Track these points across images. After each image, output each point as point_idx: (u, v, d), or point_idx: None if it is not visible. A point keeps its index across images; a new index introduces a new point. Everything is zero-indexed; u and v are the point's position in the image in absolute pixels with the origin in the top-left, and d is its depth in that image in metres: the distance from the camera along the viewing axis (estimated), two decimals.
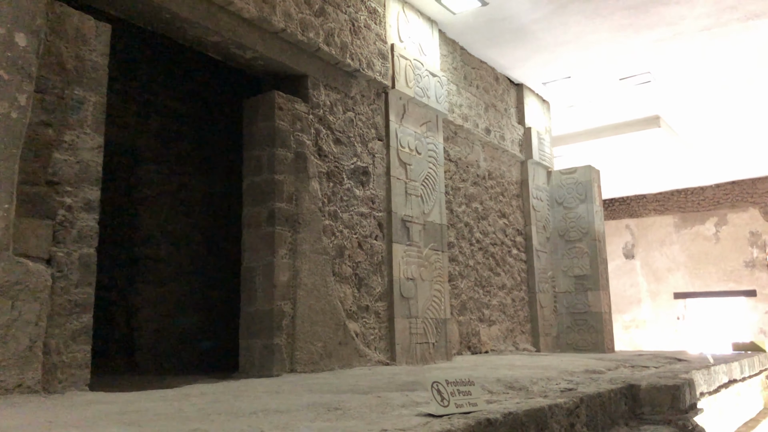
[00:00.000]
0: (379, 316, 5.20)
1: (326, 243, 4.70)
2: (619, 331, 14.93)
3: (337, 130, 5.02)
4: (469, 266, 6.67)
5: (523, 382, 3.60)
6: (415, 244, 5.66)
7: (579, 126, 9.93)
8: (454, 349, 6.21)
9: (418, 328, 5.55)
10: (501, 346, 6.94)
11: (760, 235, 13.59)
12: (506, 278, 7.34)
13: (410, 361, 5.38)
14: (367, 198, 5.24)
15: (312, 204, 4.61)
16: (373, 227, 5.26)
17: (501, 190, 7.54)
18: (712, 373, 4.89)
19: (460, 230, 6.63)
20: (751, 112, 9.48)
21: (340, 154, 5.02)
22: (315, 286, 4.54)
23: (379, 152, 5.45)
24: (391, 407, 2.50)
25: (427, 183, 5.96)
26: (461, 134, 6.86)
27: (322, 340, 4.53)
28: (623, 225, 15.27)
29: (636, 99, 8.87)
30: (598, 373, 4.49)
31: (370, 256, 5.19)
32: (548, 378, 3.90)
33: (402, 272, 5.45)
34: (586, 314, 7.93)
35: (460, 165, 6.79)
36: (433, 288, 5.82)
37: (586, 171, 8.26)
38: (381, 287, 5.25)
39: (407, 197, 5.66)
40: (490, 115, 7.33)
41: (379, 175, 5.41)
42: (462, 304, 6.47)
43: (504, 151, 7.64)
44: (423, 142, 5.98)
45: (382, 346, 5.18)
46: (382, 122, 5.54)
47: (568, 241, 8.21)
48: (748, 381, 6.33)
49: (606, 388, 3.47)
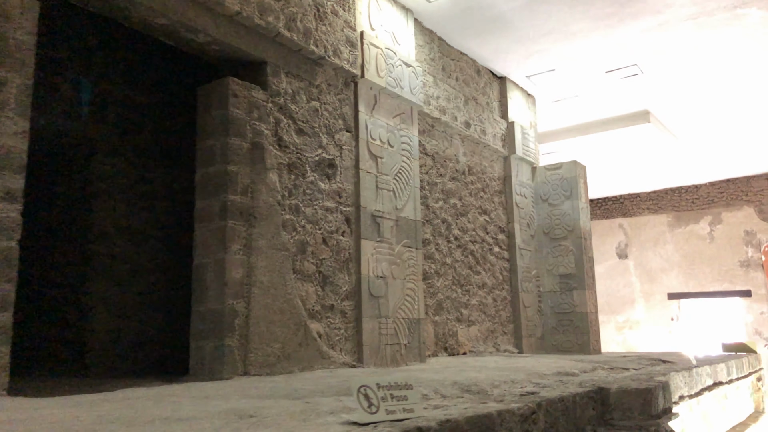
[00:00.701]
0: (346, 316, 4.95)
1: (286, 238, 4.46)
2: (613, 333, 14.69)
3: (300, 120, 4.78)
4: (446, 264, 6.42)
5: (483, 385, 3.35)
6: (386, 241, 5.42)
7: (566, 122, 9.69)
8: (428, 350, 5.96)
9: (388, 329, 5.30)
10: (480, 347, 6.68)
11: (755, 234, 13.33)
12: (487, 277, 7.09)
13: (379, 363, 5.13)
14: (334, 192, 5.00)
15: (270, 197, 4.36)
16: (339, 222, 5.02)
17: (482, 185, 7.29)
18: (694, 376, 4.64)
19: (437, 227, 6.38)
20: (744, 106, 9.24)
21: (303, 145, 4.77)
22: (272, 284, 4.30)
23: (348, 144, 5.21)
24: (316, 414, 2.26)
25: (401, 177, 5.72)
26: (438, 127, 6.62)
27: (279, 341, 4.29)
28: (616, 224, 15.02)
29: (624, 93, 8.62)
30: (570, 375, 4.24)
31: (336, 252, 4.94)
32: (513, 381, 3.65)
33: (371, 270, 5.21)
34: (572, 314, 7.68)
35: (438, 159, 6.55)
36: (405, 287, 5.57)
37: (572, 167, 8.01)
38: (348, 285, 5.00)
39: (378, 192, 5.42)
40: (470, 108, 7.09)
41: (347, 168, 5.17)
42: (438, 304, 6.22)
43: (485, 146, 7.40)
44: (396, 134, 5.74)
45: (349, 347, 4.93)
46: (350, 113, 5.30)
47: (553, 238, 7.96)
48: (737, 383, 6.08)
49: (572, 391, 3.22)
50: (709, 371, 5.05)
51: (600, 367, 4.90)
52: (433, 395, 3.00)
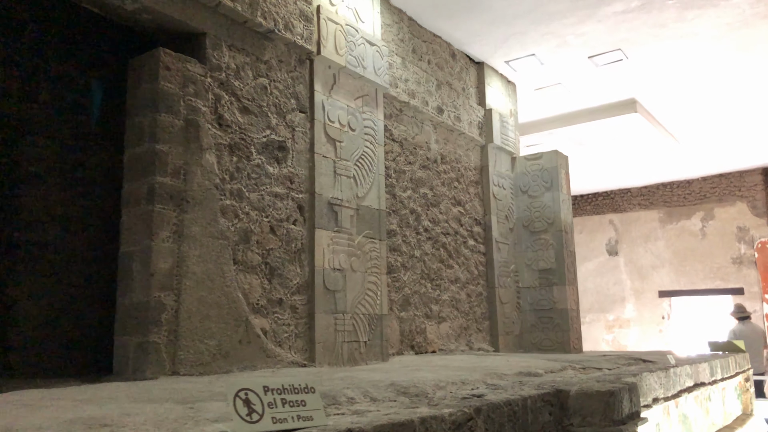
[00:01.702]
0: (297, 312, 4.57)
1: (225, 226, 4.08)
2: (603, 331, 14.34)
3: (245, 98, 4.40)
4: (414, 257, 6.04)
5: (426, 387, 2.98)
6: (345, 231, 5.04)
7: (550, 111, 9.31)
8: (392, 348, 5.59)
9: (346, 325, 4.92)
10: (452, 345, 6.31)
11: (747, 231, 12.98)
12: (461, 271, 6.71)
13: (334, 362, 4.76)
14: (284, 177, 4.62)
15: (206, 180, 3.98)
16: (290, 210, 4.64)
17: (456, 175, 6.91)
18: (671, 376, 4.27)
19: (405, 217, 6.00)
20: (737, 96, 8.87)
21: (248, 125, 4.39)
22: (208, 276, 3.92)
23: (301, 126, 4.83)
24: (194, 422, 1.88)
25: (363, 163, 5.34)
26: (407, 112, 6.24)
27: (216, 338, 3.91)
28: (607, 220, 14.66)
29: (608, 81, 8.25)
30: (533, 375, 3.86)
31: (286, 242, 4.56)
32: (464, 382, 3.27)
33: (327, 262, 4.83)
34: (552, 311, 7.31)
35: (406, 146, 6.17)
36: (366, 280, 5.19)
37: (552, 157, 7.64)
38: (300, 278, 4.62)
39: (336, 178, 5.04)
40: (443, 93, 6.71)
41: (301, 151, 4.79)
42: (405, 299, 5.84)
43: (460, 134, 7.02)
44: (358, 117, 5.36)
45: (299, 345, 4.55)
46: (305, 92, 4.92)
47: (533, 232, 7.59)
48: (722, 384, 5.71)
49: (524, 394, 2.84)
50: (689, 371, 4.68)
51: (571, 366, 4.53)
52: (361, 399, 2.63)
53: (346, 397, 2.58)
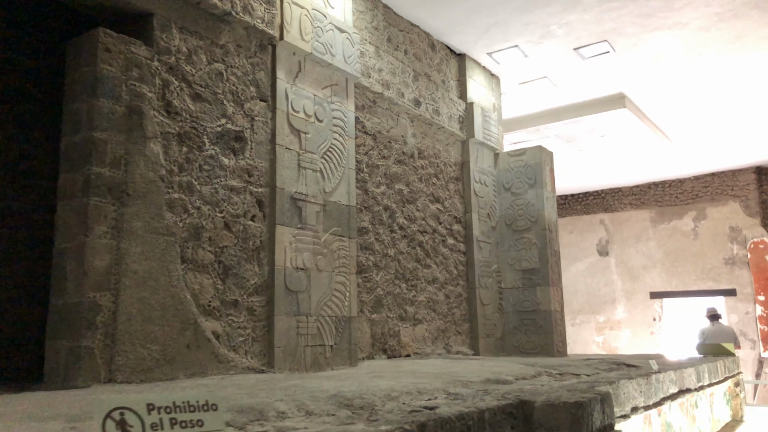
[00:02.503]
0: (254, 314, 4.27)
1: (171, 221, 3.77)
2: (593, 333, 14.08)
3: (198, 84, 4.09)
4: (388, 256, 5.75)
5: (374, 398, 2.68)
6: (309, 228, 4.74)
7: (536, 107, 9.03)
8: (363, 352, 5.29)
9: (309, 328, 4.62)
10: (428, 348, 6.02)
11: (740, 231, 12.73)
12: (439, 271, 6.42)
13: (296, 368, 4.46)
14: (241, 169, 4.32)
15: (150, 171, 3.68)
16: (248, 205, 4.34)
17: (435, 171, 6.62)
18: (653, 383, 3.98)
19: (378, 214, 5.71)
20: (730, 92, 8.61)
21: (201, 113, 4.09)
22: (151, 275, 3.61)
23: (262, 115, 4.53)
24: None
25: (331, 156, 5.04)
26: (382, 104, 5.95)
27: (159, 343, 3.60)
28: (597, 220, 14.39)
29: (596, 74, 7.98)
30: (502, 383, 3.57)
31: (243, 240, 4.26)
32: (421, 391, 2.98)
33: (289, 261, 4.53)
34: (535, 313, 7.02)
35: (380, 139, 5.88)
36: (334, 280, 4.89)
37: (536, 152, 7.36)
38: (258, 278, 4.32)
39: (300, 171, 4.74)
40: (420, 85, 6.42)
41: (261, 142, 4.49)
42: (377, 300, 5.55)
43: (439, 128, 6.73)
44: (326, 108, 5.06)
45: (257, 349, 4.25)
46: (267, 80, 4.62)
47: (516, 230, 7.30)
48: (709, 390, 5.43)
49: (482, 406, 2.55)
50: (673, 377, 4.40)
51: (547, 372, 4.24)
52: (294, 413, 2.33)
53: (276, 412, 2.29)
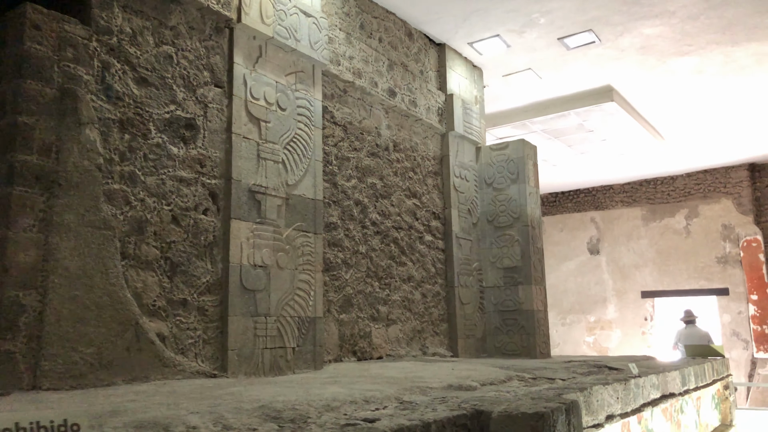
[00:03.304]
0: (206, 314, 3.98)
1: (110, 214, 3.48)
2: (583, 334, 13.83)
3: (143, 67, 3.81)
4: (359, 253, 5.46)
5: (310, 409, 2.40)
6: (270, 222, 4.46)
7: (521, 100, 8.75)
8: (329, 354, 5.01)
9: (269, 330, 4.34)
10: (402, 350, 5.74)
11: (733, 228, 12.48)
12: (415, 269, 6.14)
13: (253, 372, 4.17)
14: (193, 159, 4.03)
15: (85, 160, 3.39)
16: (200, 197, 4.05)
17: (411, 165, 6.34)
18: (632, 388, 3.71)
19: (348, 209, 5.43)
20: (720, 87, 8.35)
21: (147, 99, 3.80)
22: (85, 272, 3.32)
23: (217, 102, 4.24)
24: None
25: (295, 147, 4.76)
26: (353, 93, 5.66)
27: (94, 346, 3.31)
28: (588, 218, 14.13)
29: (582, 65, 7.71)
30: (465, 389, 3.29)
31: (194, 235, 3.98)
32: (368, 400, 2.70)
33: (246, 257, 4.25)
34: (516, 312, 6.75)
35: (351, 131, 5.59)
36: (297, 279, 4.61)
37: (519, 146, 7.08)
38: (210, 276, 4.04)
39: (260, 162, 4.46)
40: (396, 74, 6.13)
41: (215, 131, 4.20)
42: (346, 300, 5.26)
43: (417, 120, 6.45)
44: (290, 96, 4.78)
45: (208, 352, 3.96)
46: (223, 65, 4.33)
47: (498, 227, 7.03)
48: (695, 393, 5.16)
49: (431, 418, 2.27)
50: (655, 381, 4.13)
51: (519, 377, 3.96)
52: (210, 427, 2.04)
53: (186, 427, 2.00)
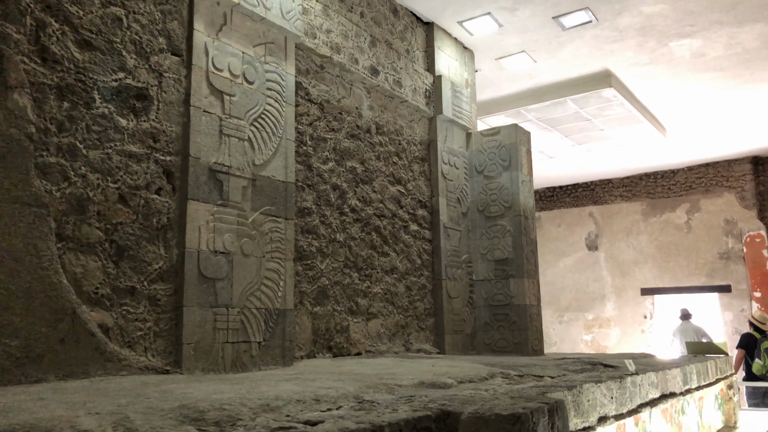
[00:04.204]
0: (158, 304, 3.61)
1: (43, 190, 3.10)
2: (581, 331, 13.45)
3: (87, 29, 3.43)
4: (336, 241, 5.08)
5: (244, 409, 2.02)
6: (233, 205, 4.08)
7: (515, 86, 8.36)
8: (301, 350, 4.63)
9: (230, 322, 3.96)
10: (383, 346, 5.36)
11: (736, 224, 12.10)
12: (399, 260, 5.76)
13: (212, 368, 3.79)
14: (144, 133, 3.65)
15: (13, 128, 3.01)
16: (152, 175, 3.67)
17: (396, 149, 5.96)
18: (628, 387, 3.33)
19: (324, 194, 5.05)
20: (724, 73, 7.96)
21: (90, 64, 3.42)
22: (11, 253, 2.94)
23: (173, 71, 3.86)
24: None
25: (263, 124, 4.38)
26: (331, 70, 5.28)
27: (21, 337, 2.94)
28: (586, 213, 13.75)
29: (578, 48, 7.32)
30: (439, 387, 2.91)
31: (145, 216, 3.60)
32: (320, 399, 2.32)
33: (205, 242, 3.87)
34: (508, 307, 6.37)
35: (329, 109, 5.21)
36: (264, 267, 4.23)
37: (511, 131, 6.70)
38: (164, 262, 3.66)
39: (223, 139, 4.08)
40: (379, 52, 5.75)
41: (171, 103, 3.82)
42: (321, 291, 4.88)
43: (402, 101, 6.07)
44: (258, 68, 4.40)
45: (160, 346, 3.58)
46: (181, 32, 3.95)
47: (489, 217, 6.65)
48: (698, 393, 4.79)
49: (386, 420, 1.90)
50: (654, 380, 3.75)
51: (503, 374, 3.58)
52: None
53: (75, 431, 1.63)
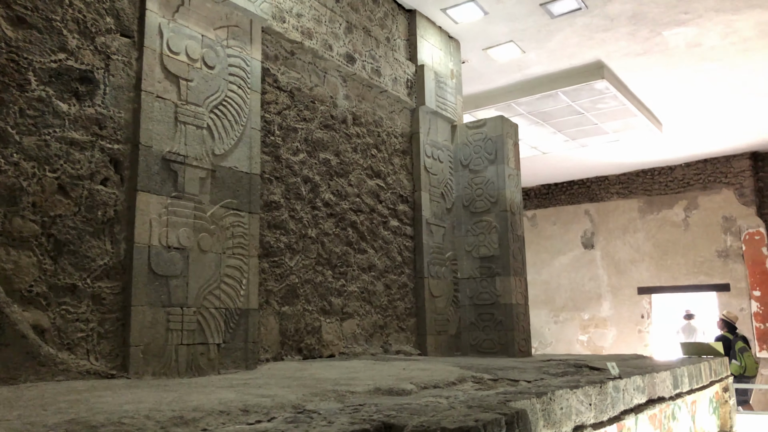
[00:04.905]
0: (103, 303, 3.34)
1: None
2: (577, 332, 13.17)
3: (21, 5, 3.16)
4: (308, 237, 4.81)
5: (147, 423, 1.76)
6: (190, 198, 3.81)
7: (504, 78, 8.09)
8: (268, 352, 4.35)
9: (186, 323, 3.69)
10: (359, 347, 5.08)
11: (734, 221, 11.81)
12: (377, 257, 5.49)
13: (164, 372, 3.52)
14: (88, 119, 3.38)
15: None
16: (97, 164, 3.40)
17: (375, 141, 5.69)
18: (609, 392, 3.06)
19: (294, 187, 4.78)
20: (721, 65, 7.68)
21: (25, 43, 3.16)
22: None
23: (123, 54, 3.60)
24: None
25: (225, 112, 4.11)
26: (302, 56, 5.01)
27: None
28: (582, 210, 13.47)
29: (568, 37, 7.05)
30: (397, 394, 2.64)
31: (88, 209, 3.33)
32: (249, 409, 2.06)
33: (157, 237, 3.60)
34: (494, 306, 6.09)
35: (300, 98, 4.94)
36: (225, 264, 3.97)
37: (497, 123, 6.42)
38: (110, 258, 3.39)
39: (178, 127, 3.81)
40: (355, 38, 5.48)
41: (120, 87, 3.55)
42: (290, 290, 4.61)
43: (382, 91, 5.80)
44: (219, 52, 4.13)
45: (105, 348, 3.32)
46: (132, 11, 3.68)
47: (474, 212, 6.37)
48: (690, 397, 4.51)
49: None
50: (639, 384, 3.47)
51: (476, 378, 3.31)
52: None
53: None
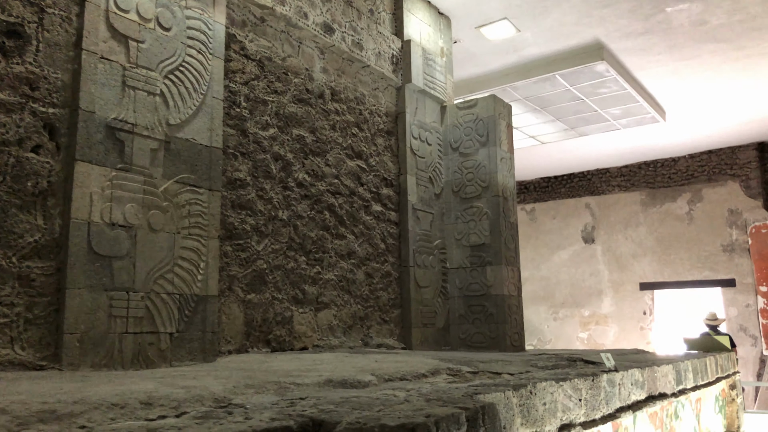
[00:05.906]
0: (32, 285, 2.96)
1: None
2: (577, 328, 12.77)
3: None
4: (278, 219, 4.43)
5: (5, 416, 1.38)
6: (138, 170, 3.42)
7: (499, 60, 7.69)
8: (230, 343, 3.97)
9: (132, 309, 3.30)
10: (336, 340, 4.69)
11: (740, 214, 11.39)
12: (358, 243, 5.10)
13: (106, 363, 3.14)
14: (17, 78, 3.00)
15: None
16: (28, 130, 3.02)
17: (356, 119, 5.30)
18: (603, 387, 2.67)
19: (263, 164, 4.39)
20: (728, 48, 7.27)
21: None
22: None
23: (60, 8, 3.22)
24: None
25: (181, 78, 3.72)
26: (274, 23, 4.62)
27: None
28: (582, 204, 13.06)
29: (565, 13, 6.64)
30: (351, 386, 2.25)
31: (15, 179, 2.95)
32: (152, 402, 1.68)
33: (99, 213, 3.22)
34: (484, 298, 5.70)
35: (271, 68, 4.55)
36: (179, 245, 3.58)
37: (489, 103, 6.03)
38: (42, 235, 3.01)
39: (126, 92, 3.42)
40: (334, 8, 5.10)
41: (56, 45, 3.17)
42: (257, 276, 4.22)
43: (364, 66, 5.41)
44: (177, 13, 3.75)
45: (35, 336, 2.93)
46: None
47: (464, 198, 5.98)
48: (695, 394, 4.11)
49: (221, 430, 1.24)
50: (638, 378, 3.08)
51: (453, 371, 2.91)
52: None
53: None
